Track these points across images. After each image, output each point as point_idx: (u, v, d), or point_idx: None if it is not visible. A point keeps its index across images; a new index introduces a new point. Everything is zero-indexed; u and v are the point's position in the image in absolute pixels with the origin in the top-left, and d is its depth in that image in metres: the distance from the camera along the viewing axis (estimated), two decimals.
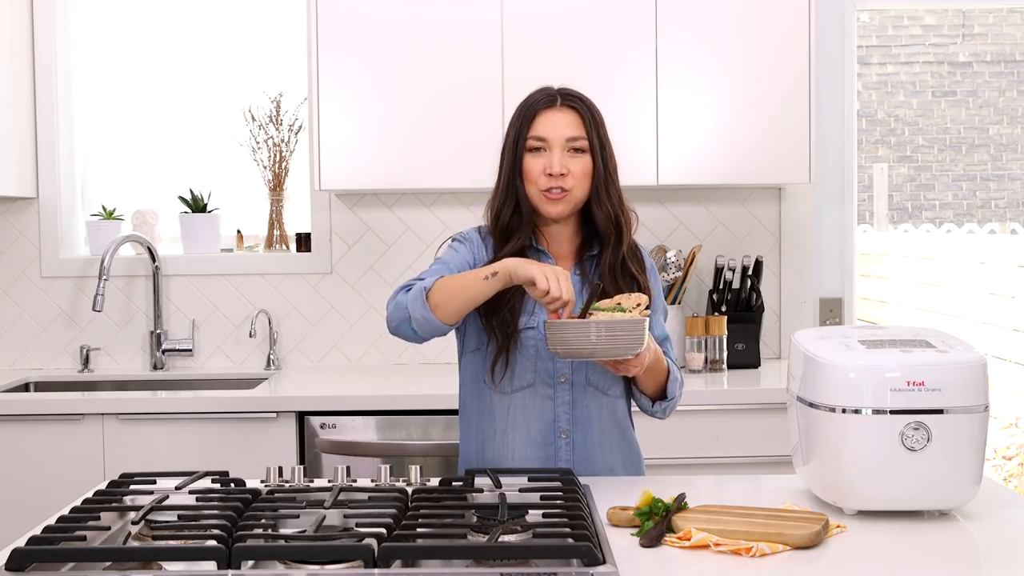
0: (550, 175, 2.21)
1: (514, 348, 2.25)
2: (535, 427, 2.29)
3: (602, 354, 2.05)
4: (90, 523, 1.83)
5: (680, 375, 2.34)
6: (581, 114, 2.25)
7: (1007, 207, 10.42)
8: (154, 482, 2.09)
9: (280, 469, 2.12)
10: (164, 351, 3.87)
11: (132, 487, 2.07)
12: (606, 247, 2.28)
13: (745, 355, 3.69)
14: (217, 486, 2.06)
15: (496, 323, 2.24)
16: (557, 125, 2.23)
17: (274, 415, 3.29)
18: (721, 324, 3.63)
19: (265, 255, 3.96)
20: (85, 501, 1.98)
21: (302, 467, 2.12)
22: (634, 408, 2.39)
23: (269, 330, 3.89)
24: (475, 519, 1.85)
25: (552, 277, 2.03)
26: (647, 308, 2.10)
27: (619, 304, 2.08)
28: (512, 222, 2.27)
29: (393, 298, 2.19)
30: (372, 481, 2.10)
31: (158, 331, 3.87)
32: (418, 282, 2.17)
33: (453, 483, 2.07)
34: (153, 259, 3.86)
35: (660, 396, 2.31)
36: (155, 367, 3.87)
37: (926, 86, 10.35)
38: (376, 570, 1.60)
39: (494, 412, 2.31)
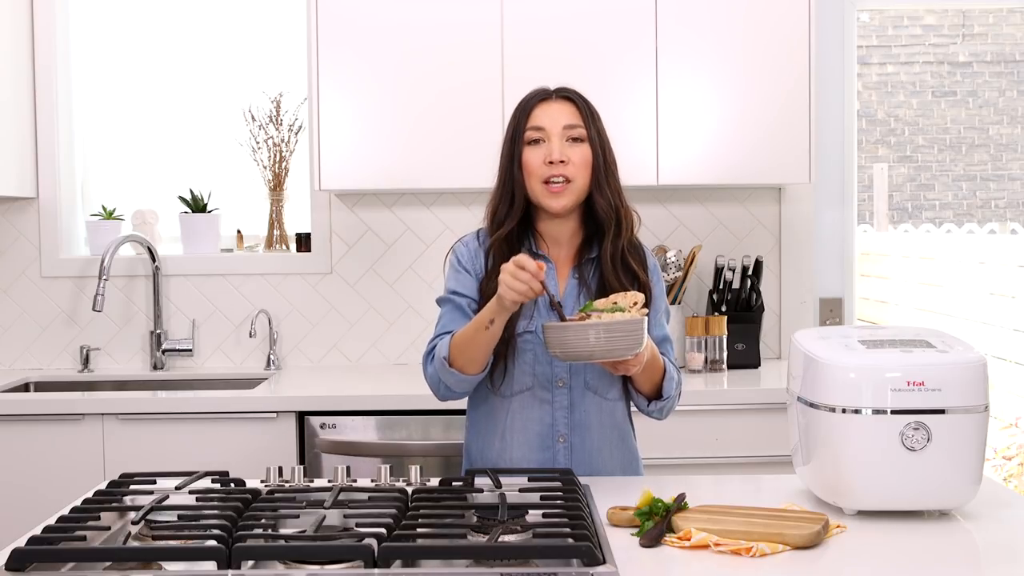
0: (550, 163, 2.21)
1: (512, 353, 2.25)
2: (533, 431, 2.28)
3: (601, 356, 2.04)
4: (90, 523, 1.83)
5: (678, 375, 2.31)
6: (577, 104, 2.26)
7: (1007, 207, 10.42)
8: (154, 482, 2.09)
9: (280, 469, 2.12)
10: (164, 351, 3.87)
11: (132, 487, 2.07)
12: (606, 239, 2.26)
13: (745, 355, 3.69)
14: (217, 486, 2.06)
15: None
16: (553, 114, 2.24)
17: (274, 415, 3.29)
18: (721, 324, 3.63)
19: (265, 255, 3.96)
20: (85, 501, 1.98)
21: (302, 467, 2.12)
22: (633, 409, 2.38)
23: (269, 330, 3.89)
24: (475, 519, 1.85)
25: (520, 290, 2.04)
26: (645, 306, 2.09)
27: (615, 304, 2.07)
28: (509, 226, 2.25)
29: (424, 371, 2.26)
30: (372, 481, 2.10)
31: (158, 331, 3.87)
32: (436, 348, 2.22)
33: (453, 483, 2.07)
34: (153, 259, 3.86)
35: (656, 396, 2.30)
36: (155, 367, 3.87)
37: (926, 86, 10.35)
38: (376, 570, 1.60)
39: (494, 415, 2.31)
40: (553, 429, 2.28)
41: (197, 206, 3.93)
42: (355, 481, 2.11)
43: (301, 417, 3.30)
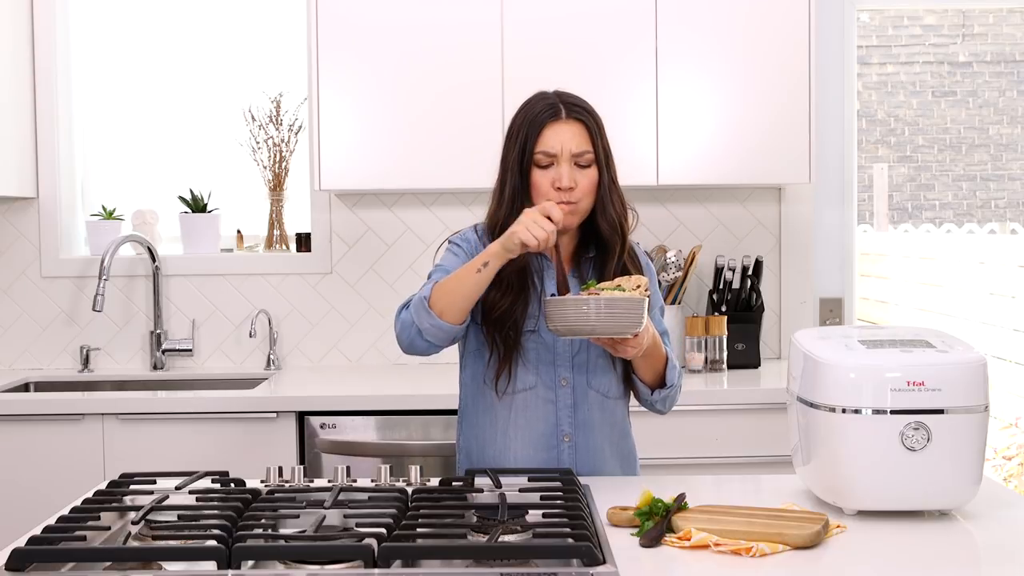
0: (559, 189, 2.21)
1: (516, 357, 2.25)
2: (537, 430, 2.29)
3: (601, 332, 2.05)
4: (90, 523, 1.83)
5: (678, 365, 2.33)
6: (587, 126, 2.24)
7: (1007, 207, 10.41)
8: (154, 482, 2.09)
9: (280, 469, 2.12)
10: (164, 351, 3.87)
11: (132, 487, 2.07)
12: (609, 254, 2.28)
13: (745, 355, 3.69)
14: (217, 486, 2.06)
15: (499, 337, 2.24)
16: (564, 139, 2.22)
17: (274, 415, 3.29)
18: (721, 324, 3.63)
19: (265, 255, 3.96)
20: (85, 501, 1.98)
21: (302, 467, 2.12)
22: (633, 407, 2.38)
23: (269, 330, 3.89)
24: (475, 519, 1.85)
25: (536, 228, 2.05)
26: (647, 291, 2.10)
27: (619, 286, 2.10)
28: None
29: (397, 319, 2.21)
30: (372, 481, 2.11)
31: (158, 331, 3.87)
32: (416, 293, 2.19)
33: (453, 483, 2.07)
34: (153, 259, 3.86)
35: (659, 384, 2.30)
36: (155, 367, 3.87)
37: (926, 86, 10.34)
38: (376, 570, 1.60)
39: (495, 413, 2.30)
40: (558, 428, 2.29)
41: (197, 206, 3.93)
42: (355, 481, 2.11)
43: (301, 417, 3.30)
